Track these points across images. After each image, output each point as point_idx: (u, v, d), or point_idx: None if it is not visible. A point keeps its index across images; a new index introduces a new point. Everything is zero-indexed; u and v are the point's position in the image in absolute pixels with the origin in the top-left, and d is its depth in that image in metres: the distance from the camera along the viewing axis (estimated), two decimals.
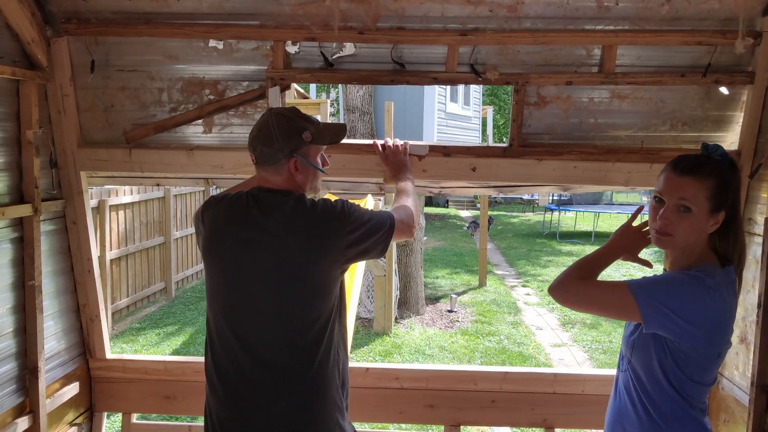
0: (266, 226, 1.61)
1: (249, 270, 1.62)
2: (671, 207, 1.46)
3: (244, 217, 1.64)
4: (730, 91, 2.18)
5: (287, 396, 1.60)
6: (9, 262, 2.10)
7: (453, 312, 8.09)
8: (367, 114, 8.46)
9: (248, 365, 1.62)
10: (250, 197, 1.66)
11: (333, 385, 1.66)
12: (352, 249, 1.64)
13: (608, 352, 6.72)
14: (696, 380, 1.46)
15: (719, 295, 1.41)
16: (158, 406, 2.60)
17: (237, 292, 1.65)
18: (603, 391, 2.41)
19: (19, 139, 2.13)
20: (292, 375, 1.61)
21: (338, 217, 1.63)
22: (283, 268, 1.60)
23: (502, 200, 22.45)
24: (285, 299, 1.61)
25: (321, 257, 1.60)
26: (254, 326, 1.63)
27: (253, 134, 1.68)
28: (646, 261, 1.66)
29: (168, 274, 8.56)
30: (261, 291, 1.62)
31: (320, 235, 1.60)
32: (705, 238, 1.50)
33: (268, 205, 1.63)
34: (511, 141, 2.27)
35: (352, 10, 2.09)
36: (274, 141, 1.63)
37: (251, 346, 1.62)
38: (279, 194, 1.65)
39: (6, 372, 2.10)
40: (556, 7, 2.06)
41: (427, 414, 2.52)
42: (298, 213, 1.62)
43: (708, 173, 1.45)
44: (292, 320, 1.61)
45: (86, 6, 2.15)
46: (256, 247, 1.61)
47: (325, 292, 1.63)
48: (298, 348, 1.61)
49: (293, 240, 1.60)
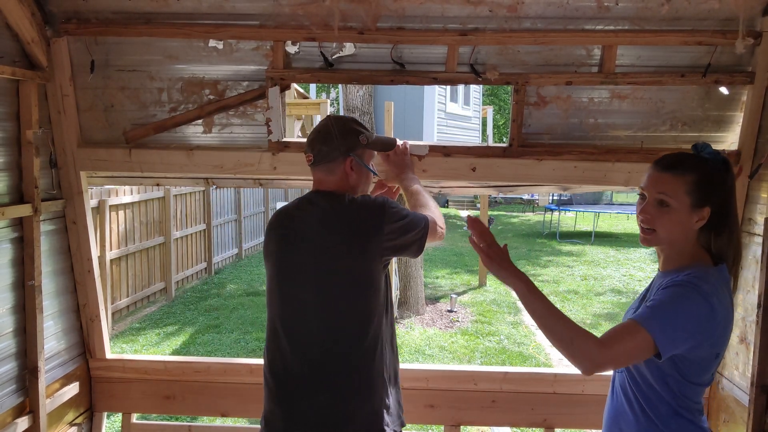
0: (310, 225, 1.69)
1: (295, 269, 1.70)
2: (651, 202, 1.49)
3: (291, 218, 1.74)
4: (730, 91, 2.18)
5: (327, 391, 1.64)
6: (9, 262, 2.10)
7: (453, 312, 8.09)
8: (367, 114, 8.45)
9: (294, 360, 1.68)
10: (303, 200, 1.76)
11: (378, 383, 1.68)
12: (391, 242, 1.68)
13: None
14: (693, 381, 1.46)
15: (717, 300, 1.41)
16: (158, 406, 2.60)
17: (286, 291, 1.72)
18: (603, 391, 2.40)
19: (19, 139, 2.13)
20: (333, 370, 1.65)
21: (378, 212, 1.68)
22: (327, 264, 1.67)
23: (502, 200, 22.45)
24: (329, 295, 1.67)
25: (363, 252, 1.66)
26: (300, 322, 1.69)
27: (311, 137, 1.76)
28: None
29: (168, 274, 8.56)
30: (306, 289, 1.68)
31: (361, 231, 1.66)
32: (694, 236, 1.50)
33: (315, 205, 1.72)
34: (511, 141, 2.27)
35: (352, 10, 2.09)
36: (333, 139, 1.72)
37: (297, 341, 1.69)
38: (330, 196, 1.73)
39: (6, 372, 2.10)
40: (556, 7, 2.06)
41: (427, 414, 2.52)
42: (338, 210, 1.69)
43: (687, 169, 1.47)
44: (336, 316, 1.67)
45: (86, 6, 2.15)
46: (301, 246, 1.69)
47: (368, 286, 1.67)
48: (342, 344, 1.66)
49: (335, 237, 1.67)
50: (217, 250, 10.37)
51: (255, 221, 12.16)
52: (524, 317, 8.05)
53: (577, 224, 16.79)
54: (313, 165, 1.75)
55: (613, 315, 8.10)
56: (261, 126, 2.31)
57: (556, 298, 9.04)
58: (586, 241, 14.19)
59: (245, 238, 11.54)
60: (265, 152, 2.29)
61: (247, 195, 11.72)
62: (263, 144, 2.31)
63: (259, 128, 2.32)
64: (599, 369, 1.40)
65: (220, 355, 6.23)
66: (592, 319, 7.96)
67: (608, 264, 11.55)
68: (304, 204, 1.75)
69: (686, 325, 1.38)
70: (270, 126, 2.27)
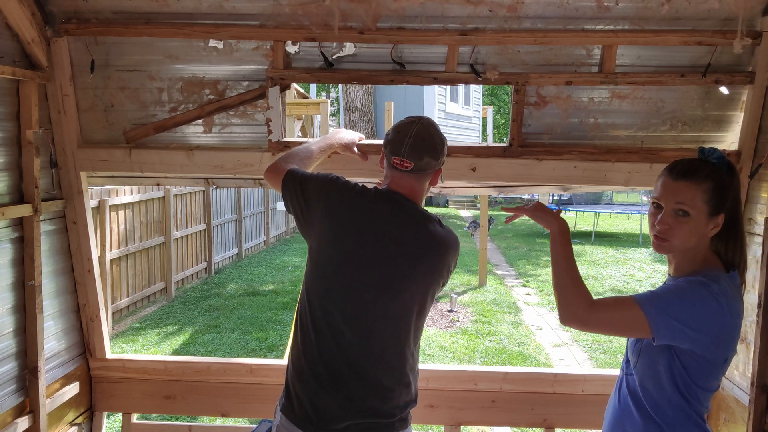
0: (402, 236, 1.70)
1: (368, 269, 1.68)
2: (669, 212, 1.47)
3: (379, 217, 1.71)
4: (730, 91, 2.18)
5: (364, 390, 1.67)
6: (9, 262, 2.11)
7: (453, 312, 8.09)
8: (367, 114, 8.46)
9: (341, 354, 1.68)
10: (388, 199, 1.73)
11: (407, 382, 1.73)
12: (448, 277, 1.78)
13: (608, 351, 6.72)
14: (701, 385, 1.46)
15: (726, 300, 1.40)
16: (158, 406, 2.60)
17: (349, 283, 1.69)
18: (603, 391, 2.42)
19: (19, 139, 2.13)
20: (389, 370, 1.70)
21: (456, 250, 1.76)
22: (405, 280, 1.67)
23: (503, 200, 22.45)
24: (395, 308, 1.68)
25: (437, 282, 1.72)
26: (355, 321, 1.68)
27: (415, 144, 1.70)
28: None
29: (168, 274, 8.56)
30: (375, 293, 1.67)
31: (443, 263, 1.72)
32: (707, 242, 1.50)
33: (407, 215, 1.72)
34: (511, 141, 2.27)
35: (352, 10, 2.09)
36: (439, 152, 1.74)
37: (355, 328, 1.69)
38: (413, 205, 1.73)
39: (6, 372, 2.10)
40: (556, 7, 2.06)
41: (428, 414, 2.52)
42: (436, 236, 1.71)
43: (704, 176, 1.45)
44: (391, 327, 1.69)
45: (86, 6, 2.15)
46: (387, 251, 1.68)
47: (425, 309, 1.74)
48: (388, 347, 1.70)
49: (424, 259, 1.69)
50: (218, 250, 10.37)
51: (255, 221, 12.16)
52: (524, 317, 8.05)
53: (577, 224, 16.78)
54: (410, 172, 1.72)
55: None
56: (261, 126, 2.31)
57: None
58: (586, 241, 14.18)
59: (245, 238, 11.54)
60: (265, 152, 2.29)
61: (247, 195, 11.72)
62: (263, 144, 2.31)
63: (259, 128, 2.32)
64: (581, 326, 1.48)
65: (220, 355, 6.23)
66: None
67: (608, 264, 11.54)
68: (395, 205, 1.72)
69: (686, 316, 1.38)
70: (270, 126, 2.27)
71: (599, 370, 5.12)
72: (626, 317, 1.42)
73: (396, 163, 1.71)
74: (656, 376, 1.48)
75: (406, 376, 1.73)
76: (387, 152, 1.74)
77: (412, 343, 1.74)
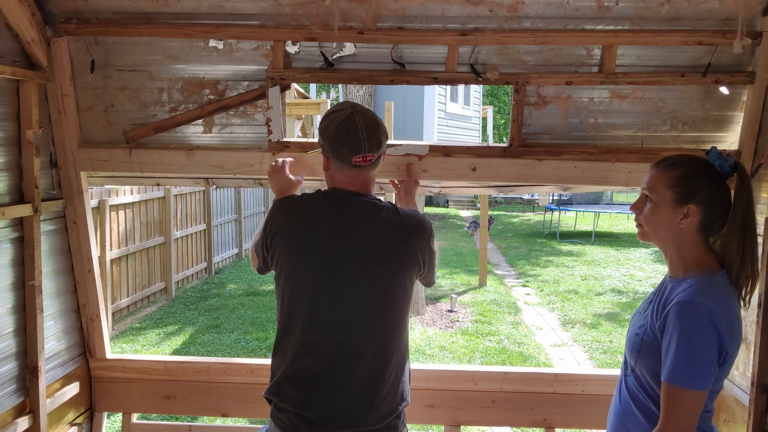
0: (358, 236, 1.66)
1: (342, 271, 1.66)
2: (641, 196, 1.56)
3: (338, 220, 1.68)
4: (730, 91, 2.18)
5: (361, 395, 1.66)
6: (9, 262, 2.10)
7: (453, 312, 8.09)
8: None
9: (326, 357, 1.66)
10: (337, 200, 1.70)
11: (393, 382, 1.70)
12: (426, 261, 1.74)
13: (608, 351, 6.72)
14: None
15: (721, 311, 1.40)
16: (158, 406, 2.60)
17: (328, 290, 1.68)
18: (603, 391, 2.42)
19: (19, 139, 2.13)
20: (369, 375, 1.66)
21: (422, 231, 1.71)
22: (377, 273, 1.66)
23: (503, 200, 22.45)
24: (367, 311, 1.66)
25: (409, 271, 1.69)
26: (330, 331, 1.67)
27: (371, 133, 1.66)
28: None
29: (168, 274, 8.56)
30: (345, 300, 1.66)
31: (410, 249, 1.68)
32: (696, 240, 1.50)
33: (360, 210, 1.69)
34: (511, 141, 2.27)
35: (352, 10, 2.09)
36: (387, 132, 1.71)
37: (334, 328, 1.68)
38: (363, 199, 1.70)
39: (6, 372, 2.10)
40: (556, 6, 2.06)
41: (428, 414, 2.52)
42: (393, 224, 1.68)
43: (674, 165, 1.49)
44: (368, 330, 1.67)
45: (86, 6, 2.15)
46: (353, 250, 1.66)
47: (404, 301, 1.71)
48: (380, 343, 1.68)
49: (390, 247, 1.67)
50: (218, 250, 10.37)
51: (255, 221, 12.16)
52: (524, 317, 8.05)
53: (578, 224, 16.78)
54: (369, 165, 1.68)
55: (614, 315, 8.10)
56: (261, 126, 2.31)
57: (557, 297, 9.05)
58: (587, 241, 14.19)
59: (245, 238, 11.53)
60: (265, 152, 2.29)
61: (247, 195, 11.72)
62: (263, 144, 2.31)
63: (259, 128, 2.32)
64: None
65: (221, 355, 6.23)
66: (592, 319, 7.96)
67: (608, 264, 11.55)
68: (337, 201, 1.70)
69: (709, 354, 1.38)
70: (270, 126, 2.27)
71: (599, 370, 5.12)
72: (688, 404, 1.39)
73: (359, 161, 1.65)
74: (657, 375, 1.47)
75: (392, 377, 1.70)
76: (344, 154, 1.66)
77: (396, 340, 1.70)
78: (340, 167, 1.69)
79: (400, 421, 1.72)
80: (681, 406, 1.39)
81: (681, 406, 1.39)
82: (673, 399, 1.39)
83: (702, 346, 1.37)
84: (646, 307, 1.59)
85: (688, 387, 1.37)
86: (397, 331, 1.70)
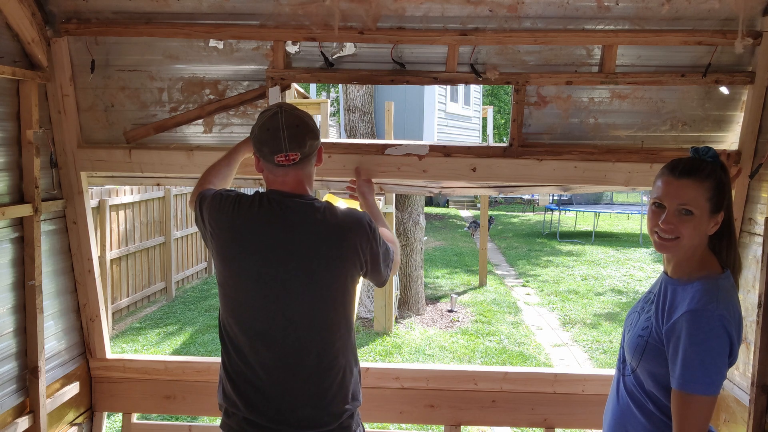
0: (291, 237, 1.63)
1: (281, 275, 1.64)
2: (672, 212, 1.46)
3: (275, 222, 1.65)
4: (730, 91, 2.18)
5: (308, 397, 1.65)
6: (9, 262, 2.10)
7: (453, 312, 8.09)
8: (367, 114, 8.46)
9: (270, 362, 1.65)
10: (268, 201, 1.67)
11: (340, 382, 1.69)
12: (368, 260, 1.70)
13: (608, 351, 6.72)
14: None
15: (729, 315, 1.40)
16: (158, 406, 2.60)
17: (267, 295, 1.66)
18: (603, 391, 2.40)
19: (20, 139, 2.13)
20: (314, 377, 1.65)
21: (358, 227, 1.67)
22: (315, 274, 1.63)
23: (503, 200, 22.46)
24: (305, 311, 1.64)
25: (348, 269, 1.66)
26: (266, 334, 1.66)
27: (293, 132, 1.63)
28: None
29: (168, 274, 8.56)
30: (280, 302, 1.64)
31: (347, 246, 1.65)
32: (705, 241, 1.50)
33: (292, 211, 1.65)
34: (511, 141, 2.27)
35: (352, 10, 2.09)
36: (317, 132, 1.68)
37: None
38: (296, 200, 1.66)
39: (6, 372, 2.10)
40: (556, 6, 2.06)
41: (428, 414, 2.52)
42: (327, 224, 1.64)
43: (706, 175, 1.46)
44: (307, 331, 1.65)
45: (86, 6, 2.15)
46: (289, 255, 1.64)
47: (345, 300, 1.69)
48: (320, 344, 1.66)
49: (326, 248, 1.64)
50: None
51: None
52: (524, 317, 8.05)
53: (578, 224, 16.79)
54: (296, 164, 1.66)
55: (614, 315, 8.11)
56: None
57: (557, 297, 9.05)
58: (587, 241, 14.19)
59: None
60: None
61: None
62: None
63: None
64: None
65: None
66: (592, 319, 7.97)
67: (608, 264, 11.55)
68: (268, 203, 1.66)
69: (722, 360, 1.39)
70: None
71: (599, 370, 5.12)
72: (700, 409, 1.39)
73: (281, 160, 1.63)
74: (661, 378, 1.47)
75: (339, 376, 1.68)
76: (266, 153, 1.65)
77: (340, 341, 1.68)
78: (268, 167, 1.68)
79: (353, 420, 1.71)
80: (695, 412, 1.39)
81: (695, 412, 1.39)
82: (687, 406, 1.39)
83: (716, 353, 1.38)
84: (645, 306, 1.58)
85: (702, 393, 1.37)
86: (340, 331, 1.68)
